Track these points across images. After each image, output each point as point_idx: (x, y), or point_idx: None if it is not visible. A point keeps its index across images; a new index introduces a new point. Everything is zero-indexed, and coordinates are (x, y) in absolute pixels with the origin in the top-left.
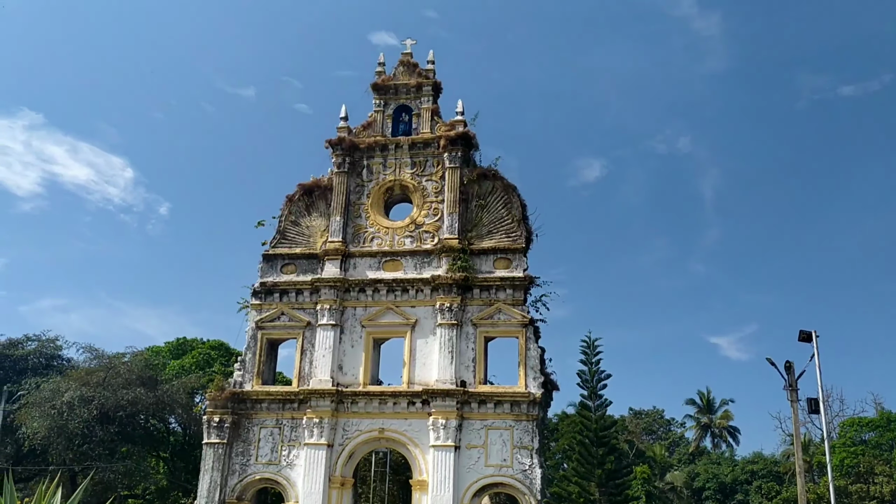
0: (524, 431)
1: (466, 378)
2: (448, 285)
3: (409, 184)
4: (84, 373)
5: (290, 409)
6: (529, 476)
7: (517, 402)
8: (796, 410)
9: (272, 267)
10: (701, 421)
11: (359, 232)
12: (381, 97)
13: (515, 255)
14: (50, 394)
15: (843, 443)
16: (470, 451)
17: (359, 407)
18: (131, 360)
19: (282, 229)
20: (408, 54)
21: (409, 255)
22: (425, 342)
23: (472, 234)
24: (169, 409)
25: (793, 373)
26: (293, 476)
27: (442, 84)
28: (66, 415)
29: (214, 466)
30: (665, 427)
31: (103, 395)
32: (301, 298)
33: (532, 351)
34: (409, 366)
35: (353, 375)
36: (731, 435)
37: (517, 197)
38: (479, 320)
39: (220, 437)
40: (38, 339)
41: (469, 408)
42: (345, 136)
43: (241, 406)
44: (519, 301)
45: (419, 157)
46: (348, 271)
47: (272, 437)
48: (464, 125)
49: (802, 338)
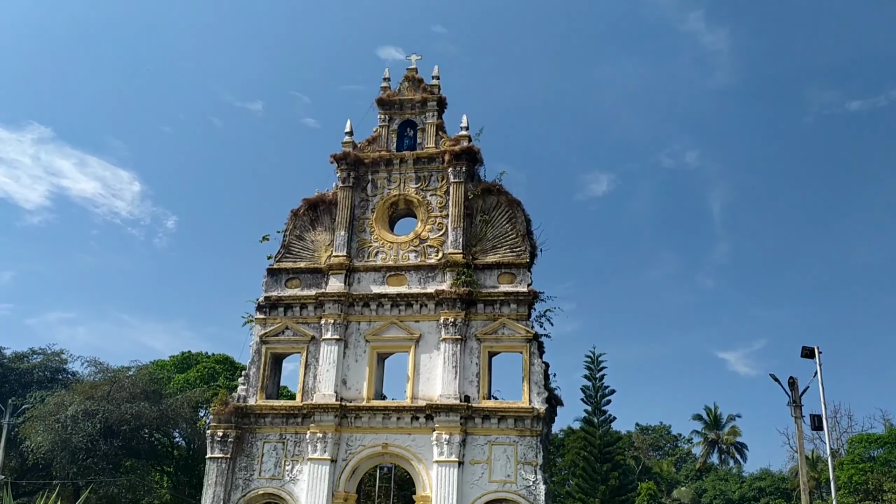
0: (528, 447)
1: (470, 393)
2: (452, 300)
3: (414, 198)
4: (88, 386)
5: (294, 423)
6: (533, 492)
7: (521, 418)
8: (800, 427)
9: (277, 281)
10: (708, 437)
11: (363, 246)
12: (386, 112)
13: (520, 269)
14: (54, 407)
15: (852, 459)
16: (474, 467)
17: (362, 422)
18: (136, 373)
19: (286, 244)
20: (413, 69)
21: (413, 269)
22: (429, 357)
23: (477, 248)
24: (173, 423)
25: (796, 389)
26: (296, 491)
27: (447, 99)
28: (70, 428)
29: (217, 481)
30: (672, 443)
31: (107, 408)
32: (305, 313)
33: (536, 366)
34: (413, 380)
35: (357, 390)
36: (738, 451)
37: (522, 212)
38: (482, 335)
39: (224, 452)
40: (44, 353)
41: (473, 423)
42: (350, 151)
43: (244, 420)
44: (523, 316)
45: (424, 171)
46: (352, 286)
47: (275, 451)
48: (468, 140)
49: (805, 354)
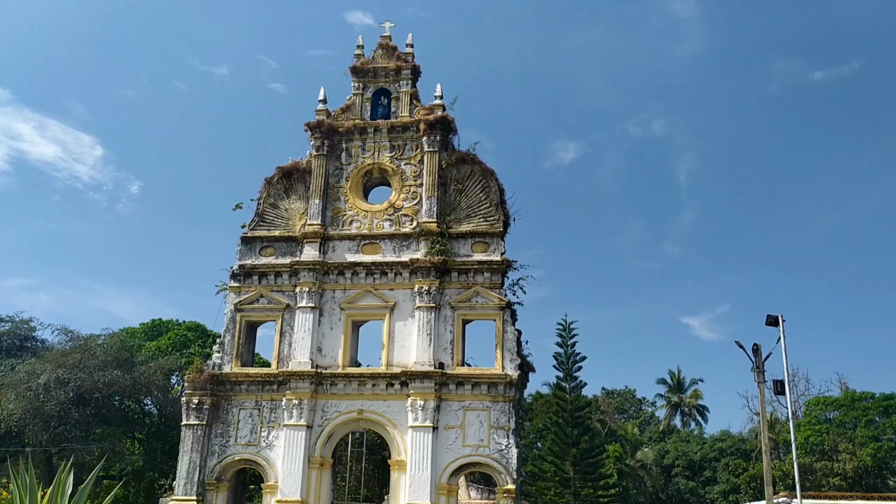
0: (501, 412)
1: (444, 360)
2: (426, 268)
3: (388, 167)
4: (59, 354)
5: (270, 390)
6: (506, 456)
7: (494, 384)
8: (763, 392)
9: (251, 249)
10: (671, 400)
11: (338, 215)
12: (360, 80)
13: (493, 239)
14: (25, 375)
15: (809, 421)
16: (448, 432)
17: (338, 388)
18: (106, 341)
19: (260, 212)
20: (387, 37)
21: (387, 238)
22: (404, 325)
23: (451, 217)
24: (145, 391)
25: (760, 355)
26: (272, 457)
27: (421, 67)
28: (43, 397)
29: (193, 447)
30: (636, 406)
31: (79, 377)
32: (280, 281)
33: (509, 333)
34: (388, 348)
35: (333, 357)
36: (700, 413)
37: (495, 181)
38: (457, 303)
39: (199, 419)
40: (11, 321)
41: (447, 389)
42: (324, 120)
43: (220, 388)
44: (496, 284)
45: (398, 140)
46: (327, 254)
47: (251, 418)
48: (442, 109)
49: (770, 322)
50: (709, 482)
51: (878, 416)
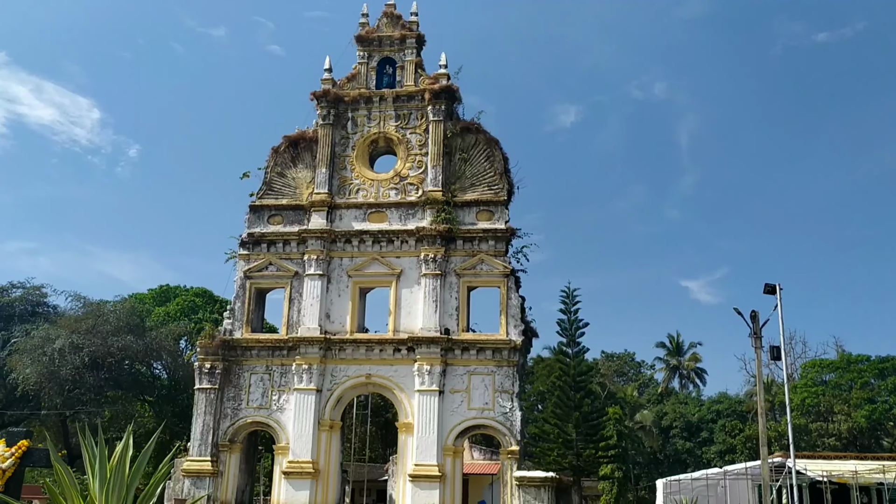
0: (505, 376)
1: (450, 326)
2: (432, 236)
3: (394, 136)
4: (73, 320)
5: (280, 355)
6: (510, 418)
7: (498, 349)
8: (759, 357)
9: (259, 218)
10: (670, 363)
11: (344, 184)
12: (365, 49)
13: (497, 207)
14: (40, 341)
15: (805, 383)
16: (453, 396)
17: (346, 354)
18: (116, 307)
19: (268, 180)
20: (391, 5)
21: (393, 206)
22: (410, 291)
23: (456, 186)
24: (156, 356)
25: (758, 321)
26: (283, 420)
27: (425, 36)
28: (58, 361)
29: (207, 410)
30: (636, 369)
31: (93, 342)
32: (288, 249)
33: (513, 300)
34: (395, 314)
35: (341, 323)
36: (698, 376)
37: (499, 150)
38: (462, 270)
39: (212, 383)
40: (23, 287)
41: (452, 354)
42: (329, 89)
43: (231, 353)
44: (501, 252)
45: (403, 109)
46: (334, 222)
47: (262, 382)
48: (447, 78)
49: (767, 290)
50: (705, 443)
51: (874, 379)
